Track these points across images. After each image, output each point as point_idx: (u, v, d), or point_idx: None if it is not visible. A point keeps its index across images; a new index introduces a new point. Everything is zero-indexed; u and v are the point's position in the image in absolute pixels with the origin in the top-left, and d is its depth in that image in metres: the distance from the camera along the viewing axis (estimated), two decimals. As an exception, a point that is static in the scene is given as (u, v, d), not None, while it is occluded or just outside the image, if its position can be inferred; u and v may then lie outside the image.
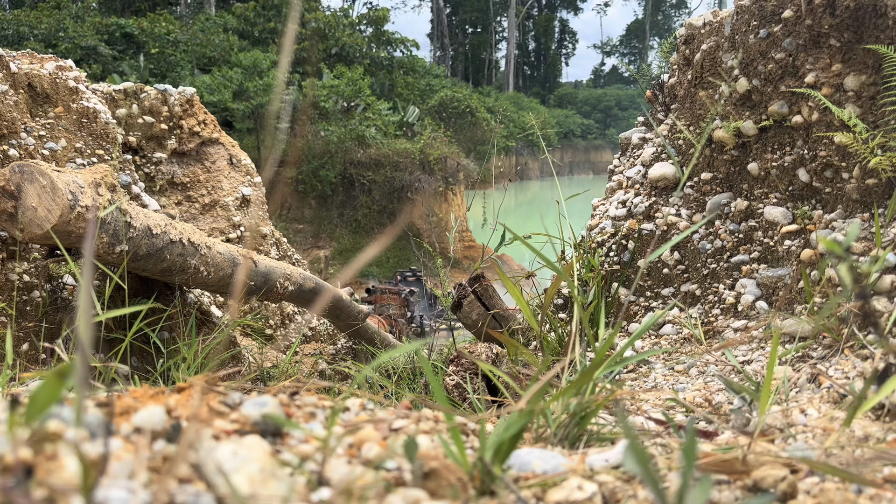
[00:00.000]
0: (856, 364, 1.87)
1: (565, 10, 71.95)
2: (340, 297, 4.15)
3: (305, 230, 21.61)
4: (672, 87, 3.10)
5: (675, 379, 2.29)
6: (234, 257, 3.07)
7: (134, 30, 22.95)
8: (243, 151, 4.65)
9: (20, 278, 2.65)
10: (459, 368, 2.21)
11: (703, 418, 1.38)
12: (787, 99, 2.57)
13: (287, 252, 4.92)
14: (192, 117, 4.29)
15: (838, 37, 2.41)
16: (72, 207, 2.13)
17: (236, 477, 0.58)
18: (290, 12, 1.07)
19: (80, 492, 0.49)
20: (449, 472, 0.68)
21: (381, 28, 30.81)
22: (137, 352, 3.00)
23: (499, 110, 32.04)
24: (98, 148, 3.20)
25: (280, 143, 0.81)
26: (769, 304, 2.51)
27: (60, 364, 0.53)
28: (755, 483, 0.76)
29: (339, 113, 22.22)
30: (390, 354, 0.77)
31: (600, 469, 0.79)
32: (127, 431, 0.63)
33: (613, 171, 3.40)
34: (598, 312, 2.60)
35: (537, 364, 1.51)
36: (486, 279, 3.10)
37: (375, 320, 6.59)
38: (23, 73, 2.97)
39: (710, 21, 2.88)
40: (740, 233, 2.72)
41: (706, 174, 2.87)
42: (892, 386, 0.96)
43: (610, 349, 2.31)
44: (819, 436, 1.24)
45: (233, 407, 0.76)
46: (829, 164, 2.46)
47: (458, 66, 59.68)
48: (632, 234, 2.98)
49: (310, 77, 25.10)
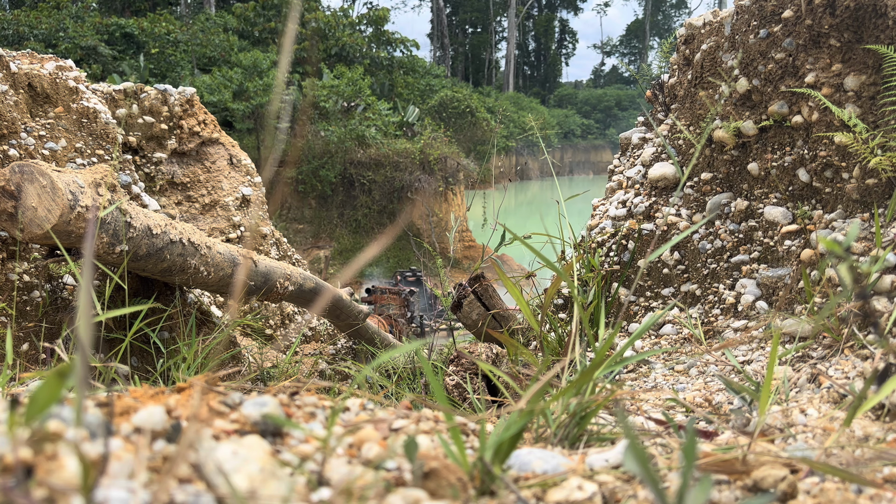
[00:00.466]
0: (856, 364, 1.87)
1: (565, 10, 71.94)
2: (340, 297, 4.15)
3: (305, 230, 21.61)
4: (672, 87, 3.10)
5: (675, 379, 2.29)
6: (234, 257, 3.07)
7: (134, 30, 22.95)
8: (243, 151, 4.65)
9: (20, 278, 2.65)
10: (459, 368, 2.21)
11: (703, 418, 1.38)
12: (787, 99, 2.57)
13: (287, 252, 4.92)
14: (192, 117, 4.29)
15: (838, 37, 2.41)
16: (72, 207, 2.13)
17: (236, 477, 0.58)
18: (290, 12, 1.07)
19: (80, 492, 0.49)
20: (449, 472, 0.68)
21: (381, 28, 30.79)
22: (137, 352, 3.00)
23: (499, 110, 32.04)
24: (98, 148, 3.20)
25: (280, 143, 0.81)
26: (769, 304, 2.51)
27: (60, 364, 0.53)
28: (755, 483, 0.76)
29: (339, 113, 22.22)
30: (390, 354, 0.77)
31: (600, 469, 0.79)
32: (127, 431, 0.63)
33: (613, 171, 3.40)
34: (598, 312, 2.60)
35: (537, 364, 1.51)
36: (486, 279, 3.10)
37: (375, 320, 6.59)
38: (23, 73, 2.97)
39: (710, 21, 2.88)
40: (740, 233, 2.72)
41: (706, 174, 2.87)
42: (892, 386, 0.96)
43: (610, 349, 2.31)
44: (819, 436, 1.24)
45: (233, 407, 0.76)
46: (829, 164, 2.46)
47: (458, 66, 59.68)
48: (632, 234, 2.98)
49: (310, 77, 25.08)
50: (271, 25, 27.11)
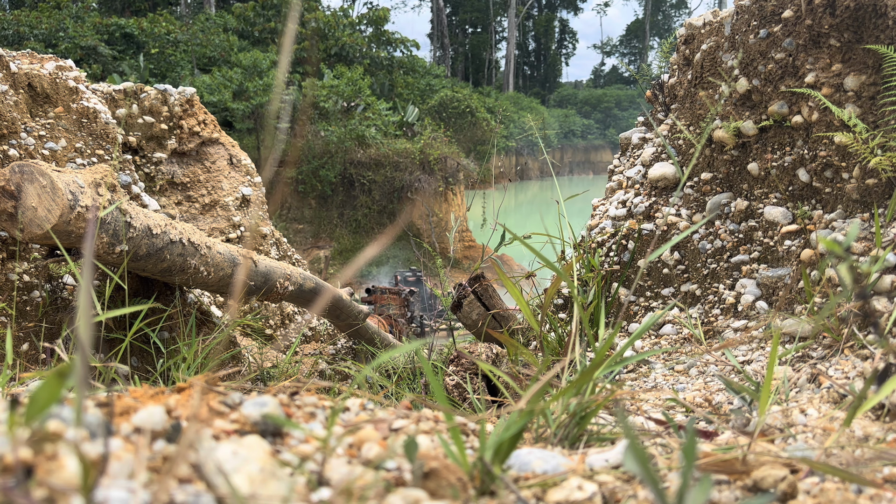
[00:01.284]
0: (856, 364, 1.87)
1: (565, 10, 71.93)
2: (340, 297, 4.15)
3: (305, 230, 21.61)
4: (672, 87, 3.10)
5: (675, 379, 2.29)
6: (234, 257, 3.07)
7: (134, 30, 22.95)
8: (243, 151, 4.65)
9: (20, 278, 2.65)
10: (459, 368, 2.21)
11: (703, 418, 1.38)
12: (787, 99, 2.57)
13: (287, 252, 4.92)
14: (192, 117, 4.29)
15: (838, 37, 2.41)
16: (72, 207, 2.13)
17: (236, 477, 0.58)
18: (290, 12, 1.07)
19: (80, 492, 0.49)
20: (449, 472, 0.68)
21: (381, 28, 30.80)
22: (137, 352, 3.00)
23: (499, 110, 32.03)
24: (98, 148, 3.20)
25: (280, 143, 0.81)
26: (769, 304, 2.51)
27: (60, 364, 0.53)
28: (755, 483, 0.76)
29: (339, 113, 22.22)
30: (390, 354, 0.77)
31: (600, 469, 0.79)
32: (127, 431, 0.63)
33: (613, 171, 3.40)
34: (598, 312, 2.60)
35: (537, 364, 1.51)
36: (486, 279, 3.10)
37: (375, 320, 6.59)
38: (23, 73, 2.97)
39: (710, 21, 2.88)
40: (740, 233, 2.72)
41: (706, 174, 2.87)
42: (892, 386, 0.96)
43: (610, 349, 2.31)
44: (819, 436, 1.24)
45: (233, 407, 0.76)
46: (829, 164, 2.46)
47: (458, 66, 59.67)
48: (632, 234, 2.98)
49: (310, 77, 25.09)
50: (271, 25, 27.12)
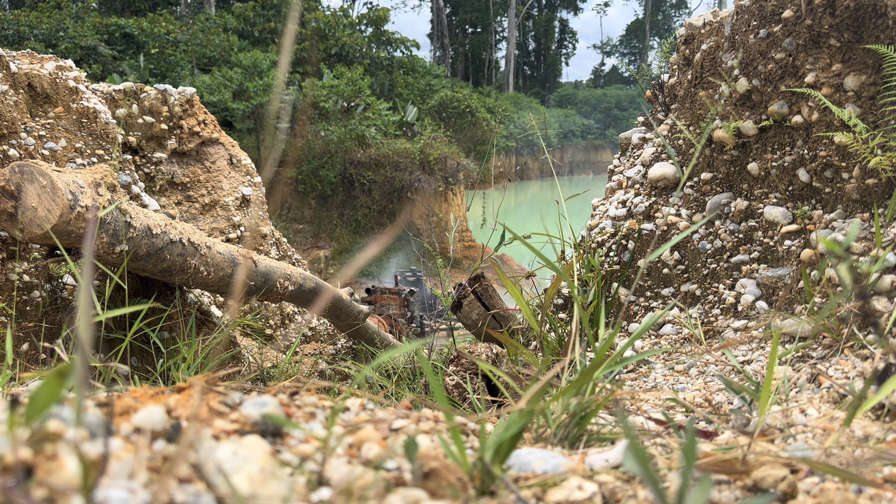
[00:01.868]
0: (856, 364, 1.87)
1: (565, 10, 71.92)
2: (340, 297, 4.15)
3: (305, 230, 21.61)
4: (672, 87, 3.10)
5: (675, 379, 2.29)
6: (234, 257, 3.07)
7: (134, 30, 22.95)
8: (243, 151, 4.65)
9: (20, 278, 2.65)
10: (459, 368, 2.21)
11: (703, 418, 1.38)
12: (787, 99, 2.57)
13: (287, 252, 4.92)
14: (192, 117, 4.29)
15: (838, 37, 2.41)
16: (72, 207, 2.13)
17: (236, 477, 0.58)
18: (290, 12, 1.07)
19: (80, 492, 0.49)
20: (449, 472, 0.68)
21: (381, 28, 30.80)
22: (137, 352, 3.00)
23: (499, 110, 32.03)
24: (98, 148, 3.20)
25: (280, 143, 0.81)
26: (769, 304, 2.51)
27: (60, 364, 0.53)
28: (755, 483, 0.76)
29: (339, 113, 22.22)
30: (390, 354, 0.77)
31: (600, 469, 0.79)
32: (127, 431, 0.63)
33: (613, 171, 3.40)
34: (598, 312, 2.60)
35: (537, 364, 1.51)
36: (486, 279, 3.10)
37: (375, 320, 6.59)
38: (23, 73, 2.97)
39: (710, 21, 2.88)
40: (740, 233, 2.72)
41: (706, 174, 2.87)
42: (892, 386, 0.96)
43: (610, 349, 2.31)
44: (819, 436, 1.24)
45: (233, 407, 0.76)
46: (829, 164, 2.46)
47: (458, 66, 59.66)
48: (632, 234, 2.98)
49: (310, 77, 25.08)
50: (271, 25, 27.12)
